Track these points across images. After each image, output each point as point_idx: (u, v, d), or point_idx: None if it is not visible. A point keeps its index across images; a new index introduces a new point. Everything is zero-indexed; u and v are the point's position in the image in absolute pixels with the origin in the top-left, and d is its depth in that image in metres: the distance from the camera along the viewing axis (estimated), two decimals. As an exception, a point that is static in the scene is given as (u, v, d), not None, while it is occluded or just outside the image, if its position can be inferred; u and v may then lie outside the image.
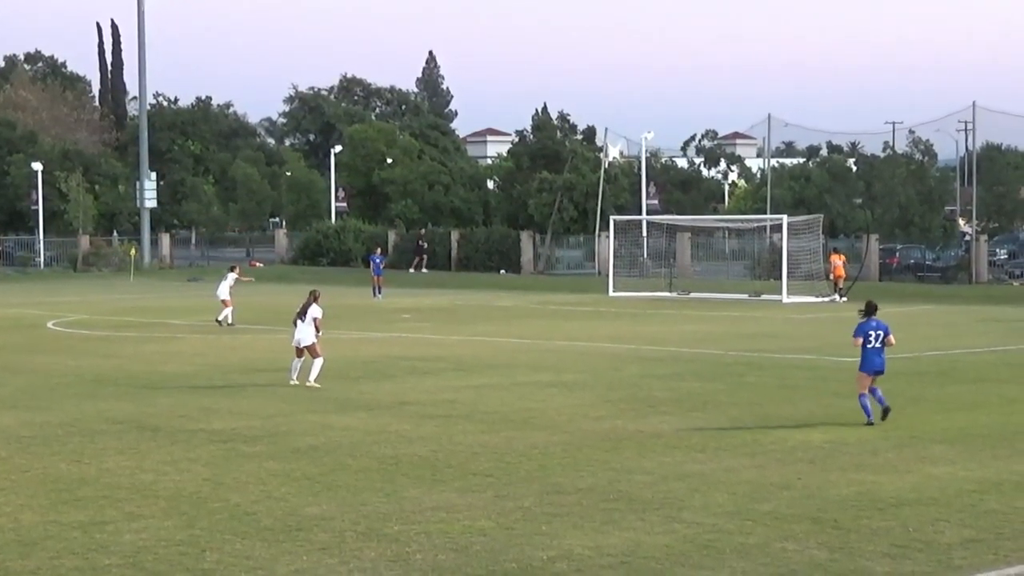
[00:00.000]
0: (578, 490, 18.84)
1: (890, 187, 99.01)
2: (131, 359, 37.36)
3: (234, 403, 28.04)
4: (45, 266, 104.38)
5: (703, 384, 31.13)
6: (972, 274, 79.61)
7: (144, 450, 22.33)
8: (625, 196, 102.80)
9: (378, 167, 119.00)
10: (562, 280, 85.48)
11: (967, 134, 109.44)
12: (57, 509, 17.76)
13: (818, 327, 48.30)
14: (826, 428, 24.37)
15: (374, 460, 21.31)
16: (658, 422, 25.18)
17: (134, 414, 26.45)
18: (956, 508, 17.57)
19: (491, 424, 24.99)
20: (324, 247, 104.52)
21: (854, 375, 25.57)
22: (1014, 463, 20.79)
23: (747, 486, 19.06)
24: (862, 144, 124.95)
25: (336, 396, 28.93)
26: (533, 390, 30.05)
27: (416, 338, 43.78)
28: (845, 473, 20.03)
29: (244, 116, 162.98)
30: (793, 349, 39.46)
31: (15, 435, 23.91)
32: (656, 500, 18.14)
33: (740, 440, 23.10)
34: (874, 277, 79.75)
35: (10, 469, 20.64)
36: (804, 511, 17.41)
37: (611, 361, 36.28)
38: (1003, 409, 26.97)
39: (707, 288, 70.13)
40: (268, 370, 33.71)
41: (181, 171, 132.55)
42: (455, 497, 18.41)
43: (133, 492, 18.85)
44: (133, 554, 15.34)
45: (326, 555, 15.26)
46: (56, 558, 15.21)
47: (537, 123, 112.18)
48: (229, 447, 22.61)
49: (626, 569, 14.61)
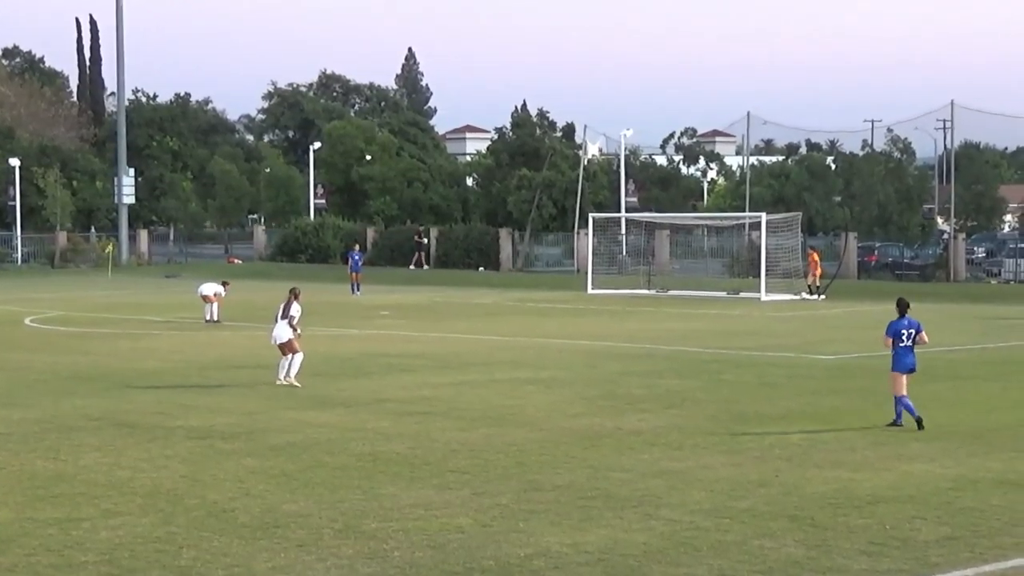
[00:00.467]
0: (556, 487, 18.85)
1: (869, 185, 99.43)
2: (108, 356, 37.28)
3: (212, 400, 28.01)
4: (22, 262, 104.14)
5: (681, 382, 31.16)
6: (950, 272, 79.80)
7: (121, 447, 22.29)
8: (604, 193, 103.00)
9: (357, 164, 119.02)
10: (541, 277, 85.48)
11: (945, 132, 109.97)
12: (33, 506, 17.72)
13: (796, 325, 48.39)
14: (804, 426, 24.41)
15: (352, 457, 21.30)
16: (636, 419, 25.20)
17: (111, 411, 26.39)
18: (933, 506, 17.61)
19: (469, 421, 24.99)
20: (303, 244, 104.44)
21: (824, 372, 25.61)
22: (991, 461, 20.86)
23: (725, 483, 19.09)
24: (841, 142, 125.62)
25: (314, 393, 28.90)
26: (511, 387, 30.06)
27: (394, 335, 43.76)
28: (822, 470, 20.07)
29: (223, 112, 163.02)
30: (771, 347, 39.50)
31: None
32: (634, 497, 18.16)
33: (718, 438, 23.14)
34: (853, 275, 79.86)
35: (-14, 466, 20.62)
36: (781, 509, 17.45)
37: (589, 358, 36.30)
38: (980, 407, 27.06)
39: (686, 286, 70.16)
40: (246, 367, 33.67)
41: (159, 167, 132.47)
42: (433, 494, 18.41)
43: (110, 489, 18.82)
44: (109, 551, 15.31)
45: (303, 552, 15.26)
46: (32, 555, 15.18)
47: (516, 120, 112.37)
48: (206, 444, 22.58)
49: (603, 566, 14.62)
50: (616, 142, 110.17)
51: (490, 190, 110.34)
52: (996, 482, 19.19)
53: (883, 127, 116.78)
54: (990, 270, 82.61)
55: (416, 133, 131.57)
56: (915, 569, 14.51)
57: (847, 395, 28.76)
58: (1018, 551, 15.28)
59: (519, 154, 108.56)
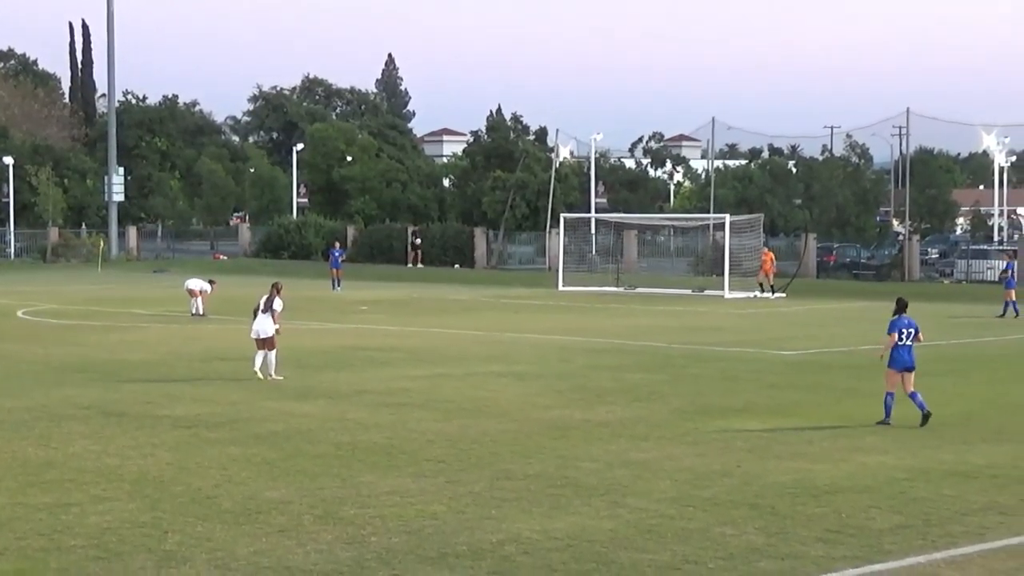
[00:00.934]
0: (527, 476, 18.85)
1: (828, 188, 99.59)
2: (97, 347, 37.18)
3: (197, 390, 27.95)
4: (15, 257, 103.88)
5: (647, 375, 31.18)
6: (905, 272, 80.00)
7: (109, 435, 22.23)
8: (575, 195, 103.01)
9: (338, 165, 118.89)
10: (514, 275, 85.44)
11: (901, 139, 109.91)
12: (24, 492, 17.66)
13: (758, 321, 48.47)
14: (765, 418, 24.45)
15: (331, 446, 21.27)
16: (604, 411, 25.21)
17: (100, 400, 26.32)
18: (887, 495, 17.66)
19: (444, 412, 24.98)
20: (285, 241, 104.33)
21: (784, 367, 25.62)
22: (942, 452, 20.92)
23: (688, 473, 19.11)
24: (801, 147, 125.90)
25: (296, 385, 28.86)
26: (485, 380, 30.05)
27: (373, 329, 43.70)
28: (782, 461, 20.10)
29: (210, 114, 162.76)
30: (734, 342, 39.55)
31: (-15, 420, 23.78)
32: (601, 486, 18.16)
33: (682, 429, 23.16)
34: (812, 274, 80.00)
35: (-21, 453, 20.54)
36: (743, 497, 17.47)
37: (560, 353, 36.30)
38: (933, 401, 27.05)
39: (652, 283, 70.18)
40: (230, 359, 33.58)
41: (148, 167, 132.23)
42: (409, 482, 18.39)
43: (98, 476, 18.76)
44: (98, 535, 15.27)
45: (284, 537, 15.23)
46: (23, 539, 15.13)
47: (491, 124, 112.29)
48: (192, 433, 22.53)
49: (572, 552, 14.62)
50: (586, 146, 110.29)
51: (466, 191, 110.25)
52: (947, 473, 19.25)
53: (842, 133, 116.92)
54: (943, 270, 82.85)
55: (395, 136, 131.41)
56: (869, 556, 14.54)
57: (806, 389, 28.82)
58: (968, 539, 15.33)
59: (494, 156, 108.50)
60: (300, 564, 14.08)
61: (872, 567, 14.08)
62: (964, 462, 20.12)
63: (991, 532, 15.68)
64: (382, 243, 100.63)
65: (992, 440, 22.18)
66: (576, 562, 14.20)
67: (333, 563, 14.12)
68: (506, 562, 14.20)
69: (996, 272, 77.12)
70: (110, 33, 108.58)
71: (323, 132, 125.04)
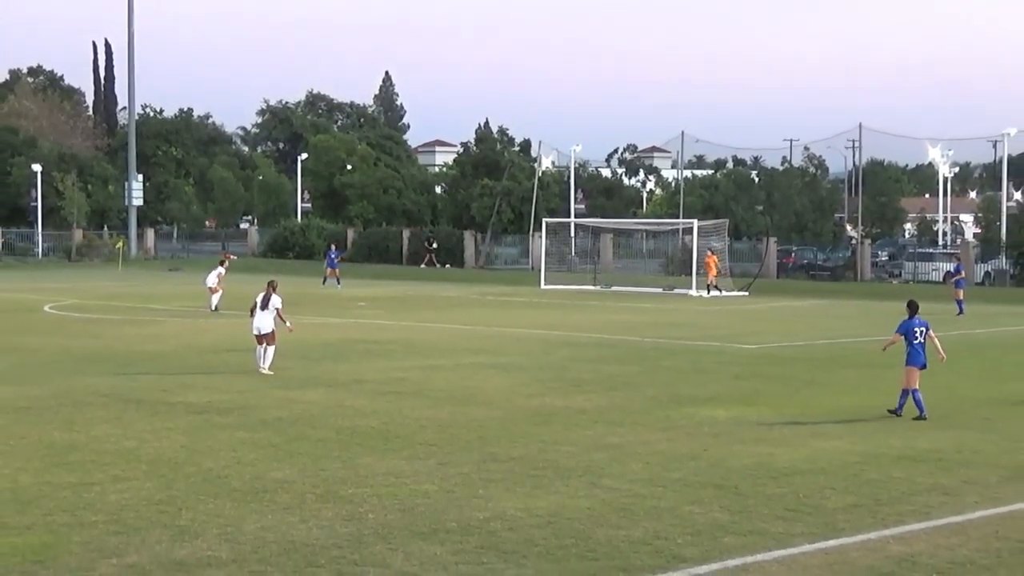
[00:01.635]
0: (511, 459, 18.82)
1: (787, 196, 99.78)
2: (117, 339, 37.09)
3: (208, 379, 27.88)
4: (43, 256, 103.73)
5: (623, 367, 31.17)
6: (857, 273, 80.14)
7: (128, 420, 22.17)
8: (556, 201, 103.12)
9: (339, 172, 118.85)
10: (500, 274, 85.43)
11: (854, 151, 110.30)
12: (50, 471, 17.61)
13: (724, 318, 48.49)
14: (729, 406, 24.44)
15: (332, 431, 21.23)
16: (583, 400, 25.19)
17: (119, 388, 26.25)
18: (841, 477, 17.65)
19: (436, 400, 24.94)
20: (291, 242, 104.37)
21: (747, 359, 25.59)
22: (891, 438, 20.92)
23: (659, 456, 19.09)
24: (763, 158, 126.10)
25: (299, 374, 28.81)
26: (473, 371, 30.02)
27: (371, 323, 43.66)
28: (745, 446, 20.09)
29: (221, 126, 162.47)
30: (702, 337, 39.57)
31: (13, 406, 23.70)
32: (579, 468, 18.14)
33: (654, 416, 23.14)
34: (772, 275, 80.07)
35: (8, 436, 20.46)
36: (709, 479, 17.46)
37: (542, 346, 36.28)
38: (883, 391, 27.11)
39: (627, 282, 70.20)
40: (239, 350, 33.50)
41: (165, 174, 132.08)
42: (403, 464, 18.35)
43: (118, 457, 18.71)
44: (117, 512, 15.22)
45: (288, 514, 15.19)
46: (49, 515, 15.08)
47: (480, 136, 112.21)
48: (204, 418, 22.48)
49: (552, 528, 14.60)
50: (567, 156, 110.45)
51: (456, 197, 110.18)
52: (896, 457, 19.26)
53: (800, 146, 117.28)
54: (892, 271, 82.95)
55: (391, 146, 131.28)
56: (824, 533, 14.54)
57: (767, 380, 28.83)
58: (914, 517, 15.34)
59: (482, 166, 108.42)
60: (303, 539, 14.04)
61: (827, 543, 14.08)
62: (911, 447, 20.13)
63: (935, 511, 15.69)
64: (379, 244, 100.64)
65: (937, 427, 22.20)
66: (556, 537, 14.18)
67: (333, 538, 14.09)
68: (492, 537, 14.18)
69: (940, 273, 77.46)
70: (130, 52, 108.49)
71: (325, 143, 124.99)
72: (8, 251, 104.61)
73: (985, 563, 13.31)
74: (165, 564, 12.98)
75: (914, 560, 13.38)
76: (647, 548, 13.78)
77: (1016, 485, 17.35)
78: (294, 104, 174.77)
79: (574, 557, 13.40)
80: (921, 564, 13.23)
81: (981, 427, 22.16)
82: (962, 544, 14.06)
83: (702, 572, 12.88)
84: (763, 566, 13.13)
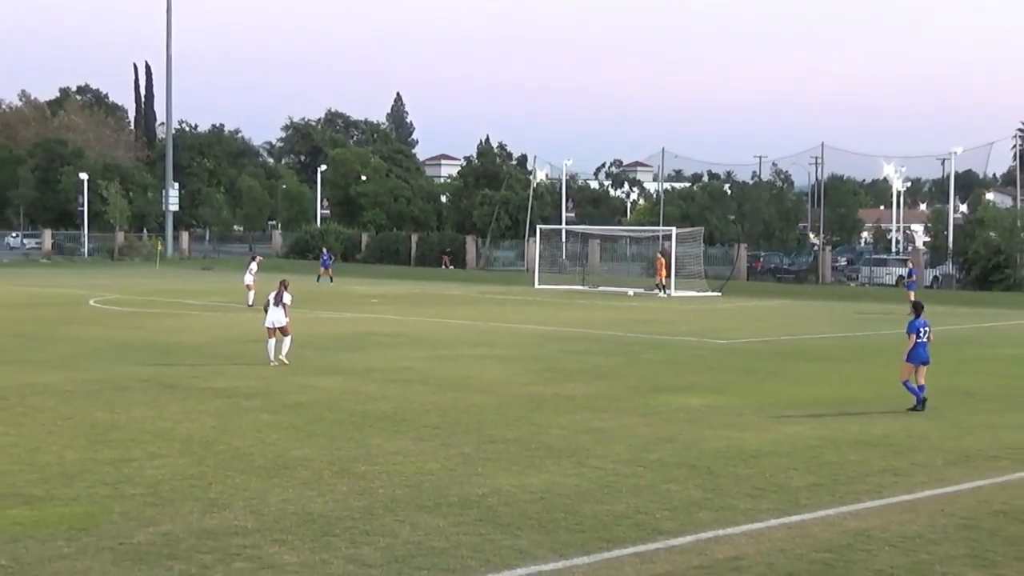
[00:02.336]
0: (507, 440, 18.81)
1: (756, 207, 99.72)
2: (155, 331, 37.08)
3: (236, 367, 27.87)
4: (88, 256, 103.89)
5: (607, 359, 31.16)
6: (819, 276, 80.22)
7: (163, 403, 22.16)
8: (549, 209, 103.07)
9: (354, 183, 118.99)
10: (498, 275, 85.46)
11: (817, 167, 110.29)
12: (93, 448, 17.60)
13: (698, 316, 48.48)
14: (703, 395, 24.44)
15: (346, 414, 21.22)
16: (571, 388, 25.18)
17: (156, 374, 26.25)
18: (803, 459, 17.65)
19: (439, 387, 24.93)
20: (311, 245, 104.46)
21: (720, 353, 25.54)
22: (848, 424, 20.93)
23: (640, 439, 19.08)
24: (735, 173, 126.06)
25: (316, 363, 28.80)
26: (473, 361, 30.01)
27: (381, 318, 43.64)
28: (717, 431, 20.09)
29: (249, 140, 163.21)
30: (679, 332, 39.56)
31: (61, 390, 23.70)
32: (568, 449, 18.13)
33: (635, 403, 23.14)
34: (743, 277, 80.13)
35: (56, 417, 20.46)
36: (684, 460, 17.45)
37: (535, 339, 36.27)
38: (842, 382, 27.17)
39: (612, 283, 70.20)
40: (261, 341, 33.39)
41: (198, 182, 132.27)
42: (410, 444, 18.34)
43: (154, 436, 18.70)
44: (153, 485, 15.22)
45: (307, 488, 15.18)
46: (92, 487, 15.07)
47: (481, 150, 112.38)
48: (231, 402, 22.47)
49: (544, 503, 14.59)
50: (559, 169, 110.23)
51: (459, 205, 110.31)
52: (853, 441, 19.26)
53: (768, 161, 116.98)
54: (850, 275, 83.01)
55: (402, 159, 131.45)
56: (788, 509, 14.54)
57: (737, 372, 28.82)
58: (869, 495, 15.34)
59: (483, 177, 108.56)
60: (320, 510, 14.03)
61: (790, 518, 14.08)
62: (866, 432, 20.13)
63: (888, 490, 15.69)
64: (390, 247, 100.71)
65: (889, 415, 22.19)
66: (547, 512, 14.17)
67: (347, 510, 14.08)
68: (490, 511, 14.17)
69: (894, 277, 77.54)
70: (168, 73, 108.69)
71: (342, 156, 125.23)
72: (58, 251, 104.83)
73: (932, 537, 13.31)
74: (196, 532, 12.97)
75: (868, 534, 13.38)
76: (629, 522, 13.78)
77: (960, 468, 17.36)
78: (315, 121, 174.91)
79: (563, 529, 13.40)
80: (875, 538, 13.23)
81: (929, 415, 22.16)
82: (911, 520, 14.06)
83: (678, 543, 12.88)
84: (733, 538, 13.13)
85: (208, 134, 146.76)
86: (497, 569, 11.82)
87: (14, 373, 26.16)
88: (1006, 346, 37.00)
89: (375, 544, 12.64)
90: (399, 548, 12.48)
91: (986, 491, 15.81)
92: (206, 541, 12.63)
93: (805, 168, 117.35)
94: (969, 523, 13.98)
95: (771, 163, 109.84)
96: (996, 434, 20.22)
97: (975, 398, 24.84)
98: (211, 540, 12.67)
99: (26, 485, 15.20)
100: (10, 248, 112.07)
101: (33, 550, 12.25)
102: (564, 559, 12.18)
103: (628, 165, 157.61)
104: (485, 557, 12.21)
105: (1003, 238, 73.45)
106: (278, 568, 11.71)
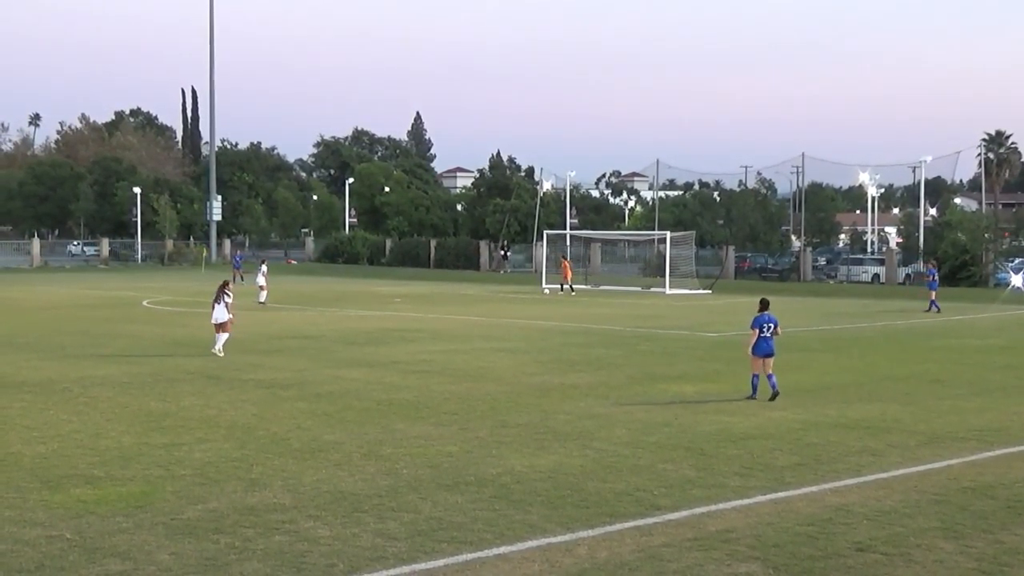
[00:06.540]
0: (518, 425, 18.80)
1: (743, 212, 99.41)
2: (200, 328, 37.08)
3: (273, 360, 27.89)
4: (141, 261, 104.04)
5: (608, 351, 31.13)
6: (800, 275, 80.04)
7: (209, 393, 22.18)
8: (554, 216, 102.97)
9: (379, 194, 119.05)
10: (509, 276, 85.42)
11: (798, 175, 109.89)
12: (147, 434, 17.62)
13: (690, 312, 48.42)
14: (696, 383, 24.41)
15: (373, 402, 21.22)
16: (575, 377, 25.16)
17: (202, 367, 26.27)
18: (787, 441, 17.61)
19: (456, 378, 24.92)
20: (340, 250, 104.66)
21: (710, 345, 25.51)
22: (828, 409, 20.88)
23: (638, 424, 19.06)
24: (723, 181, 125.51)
25: (345, 356, 28.81)
26: (487, 354, 29.99)
27: (404, 315, 43.65)
28: (709, 415, 20.06)
29: (284, 156, 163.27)
30: (673, 326, 39.52)
31: (118, 381, 23.73)
32: (574, 433, 18.11)
33: (633, 391, 23.11)
34: (731, 276, 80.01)
35: (114, 406, 20.49)
36: (679, 442, 17.42)
37: (542, 334, 36.25)
38: (820, 371, 27.11)
39: (612, 283, 70.17)
40: (296, 337, 33.56)
41: (238, 195, 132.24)
42: (431, 429, 18.34)
43: (201, 423, 18.71)
44: (201, 467, 15.22)
45: (338, 469, 15.18)
46: (146, 469, 15.09)
47: (493, 163, 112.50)
48: (270, 392, 22.48)
49: (552, 482, 14.58)
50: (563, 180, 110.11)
51: (473, 213, 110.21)
52: (832, 425, 19.21)
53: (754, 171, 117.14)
54: (828, 274, 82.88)
55: (421, 172, 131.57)
56: (774, 486, 14.50)
57: (726, 362, 28.76)
58: (848, 474, 15.29)
59: (494, 188, 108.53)
60: (350, 489, 14.03)
61: (776, 495, 14.04)
62: (844, 416, 20.08)
63: (865, 469, 15.65)
64: (411, 252, 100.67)
65: (865, 401, 22.15)
66: (555, 489, 14.15)
67: (375, 488, 14.07)
68: (503, 489, 14.16)
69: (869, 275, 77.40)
70: (211, 97, 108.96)
71: (368, 170, 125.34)
72: (114, 257, 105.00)
73: (906, 511, 13.27)
74: (240, 509, 12.97)
75: (848, 509, 13.34)
76: (629, 498, 13.75)
77: (931, 448, 17.30)
78: (343, 139, 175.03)
79: (570, 505, 13.37)
80: (854, 512, 13.19)
81: (902, 401, 22.10)
82: (887, 496, 14.02)
83: (674, 518, 12.85)
84: (724, 513, 13.10)
85: (247, 151, 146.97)
86: (510, 541, 11.80)
87: (77, 366, 26.22)
88: (973, 337, 36.89)
89: (400, 519, 12.63)
90: (422, 523, 12.47)
91: (955, 469, 15.76)
92: (248, 517, 12.63)
93: (787, 176, 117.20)
94: (940, 498, 13.93)
95: (756, 172, 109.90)
96: (964, 417, 20.16)
97: (944, 385, 24.75)
98: (252, 516, 12.67)
99: (88, 467, 15.23)
100: (72, 255, 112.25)
101: (95, 525, 12.28)
102: (571, 532, 12.16)
103: (626, 175, 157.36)
104: (499, 531, 12.20)
105: (969, 239, 73.53)
106: (313, 541, 11.71)
